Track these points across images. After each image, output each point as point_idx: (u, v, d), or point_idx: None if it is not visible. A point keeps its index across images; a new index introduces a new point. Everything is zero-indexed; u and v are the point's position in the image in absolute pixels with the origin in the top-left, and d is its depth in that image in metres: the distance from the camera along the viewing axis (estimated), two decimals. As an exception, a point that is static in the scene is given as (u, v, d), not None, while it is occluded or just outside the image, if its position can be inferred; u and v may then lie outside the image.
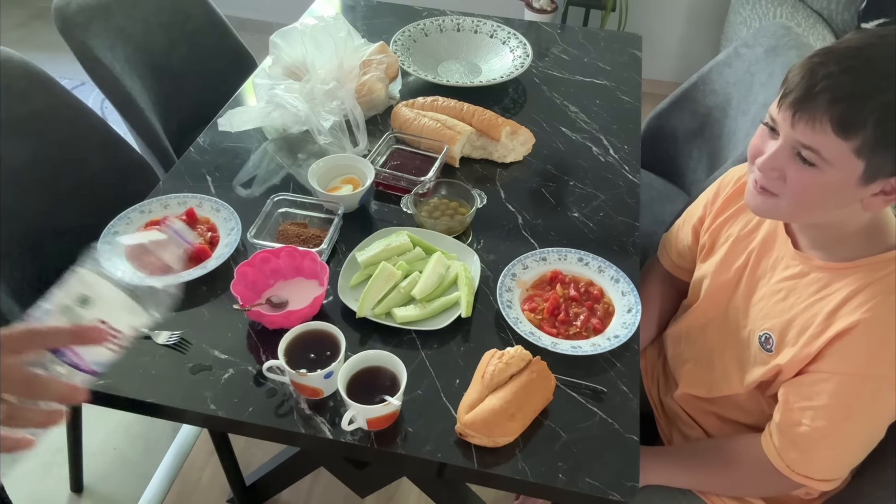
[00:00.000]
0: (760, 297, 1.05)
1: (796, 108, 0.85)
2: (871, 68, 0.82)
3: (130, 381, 1.01)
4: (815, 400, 0.94)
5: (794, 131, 0.86)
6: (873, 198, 0.88)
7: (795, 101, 0.85)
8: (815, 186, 0.88)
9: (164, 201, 1.27)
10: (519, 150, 1.45)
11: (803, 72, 0.85)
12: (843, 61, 0.82)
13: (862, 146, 0.83)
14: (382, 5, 1.98)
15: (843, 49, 0.84)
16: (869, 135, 0.82)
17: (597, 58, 1.79)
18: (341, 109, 1.43)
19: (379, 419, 0.94)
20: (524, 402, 0.96)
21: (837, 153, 0.84)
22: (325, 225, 1.24)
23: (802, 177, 0.88)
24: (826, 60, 0.84)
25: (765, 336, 1.02)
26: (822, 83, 0.82)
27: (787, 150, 0.88)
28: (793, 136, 0.87)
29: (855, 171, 0.85)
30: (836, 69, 0.82)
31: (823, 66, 0.83)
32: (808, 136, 0.85)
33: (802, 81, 0.84)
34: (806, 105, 0.84)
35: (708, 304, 1.15)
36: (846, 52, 0.83)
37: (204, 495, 1.73)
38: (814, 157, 0.86)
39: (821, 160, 0.85)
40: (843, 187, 0.87)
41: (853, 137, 0.82)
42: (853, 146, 0.83)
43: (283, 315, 1.04)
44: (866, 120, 0.81)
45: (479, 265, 1.19)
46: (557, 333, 1.10)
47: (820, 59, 0.84)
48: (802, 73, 0.85)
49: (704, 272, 1.16)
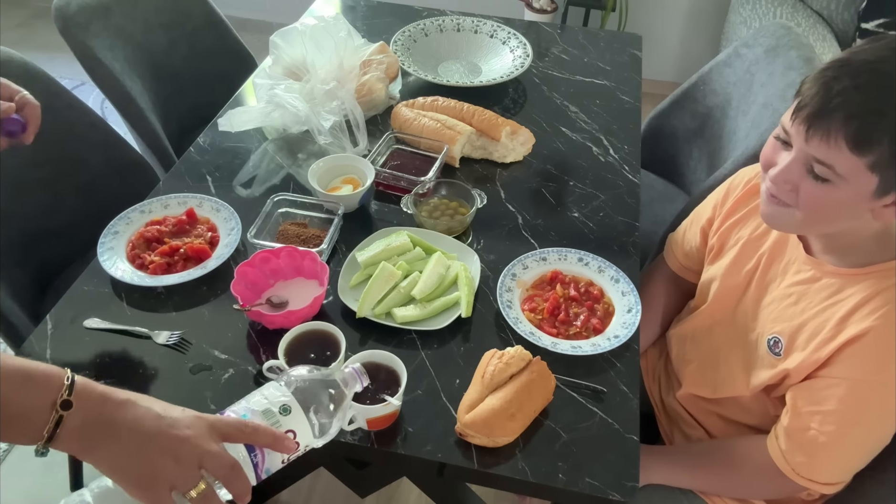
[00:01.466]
0: (770, 300, 1.05)
1: (810, 124, 0.84)
2: (887, 83, 0.81)
3: (130, 381, 1.01)
4: (825, 405, 0.94)
5: (808, 146, 0.86)
6: (885, 209, 0.88)
7: (809, 116, 0.84)
8: (828, 201, 0.88)
9: (164, 201, 1.27)
10: (519, 150, 1.45)
11: (817, 86, 0.84)
12: (858, 76, 0.82)
13: (877, 162, 0.82)
14: (382, 5, 1.98)
15: (859, 63, 0.83)
16: (885, 151, 0.81)
17: (597, 58, 1.79)
18: (341, 109, 1.43)
19: (379, 419, 0.94)
20: (524, 402, 0.96)
21: (851, 168, 0.84)
22: (325, 225, 1.24)
23: (815, 192, 0.88)
24: (840, 75, 0.83)
25: (774, 340, 1.02)
26: (837, 99, 0.82)
27: (800, 164, 0.88)
28: (806, 151, 0.86)
29: (868, 186, 0.85)
30: (851, 84, 0.81)
31: (838, 81, 0.82)
32: (822, 152, 0.85)
33: (817, 96, 0.83)
34: (821, 121, 0.83)
35: (716, 307, 1.15)
36: (861, 66, 0.82)
37: (204, 495, 1.73)
38: (827, 172, 0.85)
39: (834, 175, 0.85)
40: (855, 201, 0.87)
41: (868, 154, 0.82)
42: (868, 162, 0.82)
43: (283, 315, 1.04)
44: (882, 136, 0.81)
45: (479, 265, 1.19)
46: (557, 333, 1.10)
47: (834, 72, 0.83)
48: (817, 87, 0.84)
49: (713, 274, 1.16)
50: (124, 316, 1.10)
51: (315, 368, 0.80)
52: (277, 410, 0.73)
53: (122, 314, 1.10)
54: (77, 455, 0.67)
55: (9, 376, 0.64)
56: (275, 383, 0.77)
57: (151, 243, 1.20)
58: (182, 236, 1.22)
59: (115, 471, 0.66)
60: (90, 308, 1.11)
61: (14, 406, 0.64)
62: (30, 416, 0.64)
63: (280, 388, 0.76)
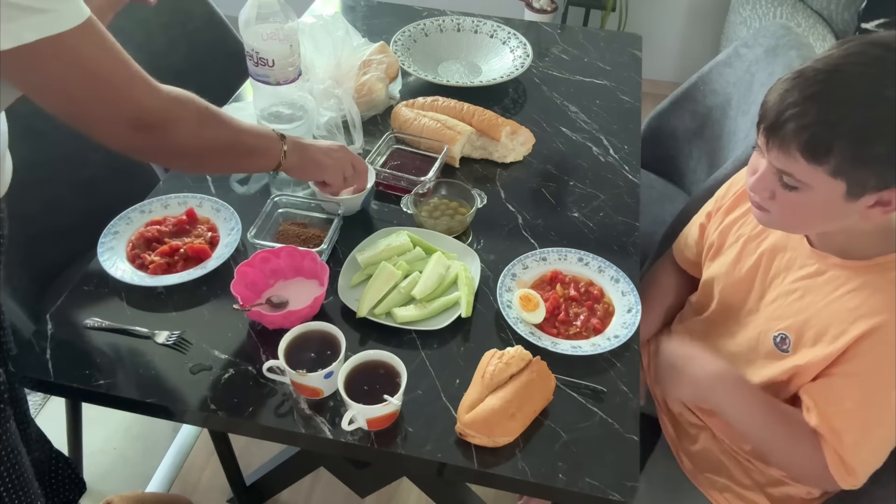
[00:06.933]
0: (775, 296, 1.05)
1: (768, 136, 0.87)
2: (836, 94, 0.82)
3: (130, 381, 1.01)
4: (845, 404, 0.94)
5: (770, 156, 0.89)
6: (870, 210, 0.88)
7: (766, 129, 0.88)
8: (802, 206, 0.90)
9: (164, 201, 1.27)
10: (519, 150, 1.45)
11: (774, 98, 0.87)
12: (809, 87, 0.83)
13: (837, 168, 0.83)
14: (382, 5, 1.98)
15: (811, 74, 0.84)
16: (839, 158, 0.82)
17: (597, 58, 1.79)
18: (339, 108, 1.43)
19: (379, 419, 0.94)
20: (524, 402, 0.96)
21: (813, 177, 0.86)
22: (325, 225, 1.24)
23: (789, 199, 0.90)
24: (792, 87, 0.85)
25: (780, 336, 1.02)
26: (789, 111, 0.84)
27: (771, 173, 0.91)
28: (771, 161, 0.89)
29: (837, 191, 0.86)
30: (801, 97, 0.83)
31: (790, 93, 0.84)
32: (781, 162, 0.87)
33: (773, 109, 0.86)
34: (776, 133, 0.86)
35: (720, 306, 1.15)
36: (813, 76, 0.84)
37: (204, 495, 1.73)
38: (793, 181, 0.88)
39: (800, 183, 0.87)
40: (829, 205, 0.88)
41: (824, 162, 0.83)
42: (827, 170, 0.84)
43: (283, 315, 1.04)
44: (833, 145, 0.82)
45: (479, 265, 1.19)
46: (557, 333, 1.10)
47: (787, 84, 0.85)
48: (773, 99, 0.87)
49: (714, 273, 1.16)
50: (124, 316, 1.10)
51: None
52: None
53: (122, 314, 1.10)
54: (293, 168, 1.11)
55: (250, 132, 1.04)
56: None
57: (151, 243, 1.20)
58: (182, 236, 1.22)
59: (318, 168, 1.15)
60: (90, 308, 1.11)
61: (266, 148, 1.06)
62: (273, 149, 1.07)
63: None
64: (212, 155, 1.01)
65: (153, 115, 0.88)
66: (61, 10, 0.75)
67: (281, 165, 1.08)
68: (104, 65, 0.82)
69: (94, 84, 0.82)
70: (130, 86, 0.85)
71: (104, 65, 0.82)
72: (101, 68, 0.81)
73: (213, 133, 0.97)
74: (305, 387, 0.98)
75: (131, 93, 0.85)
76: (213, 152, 1.00)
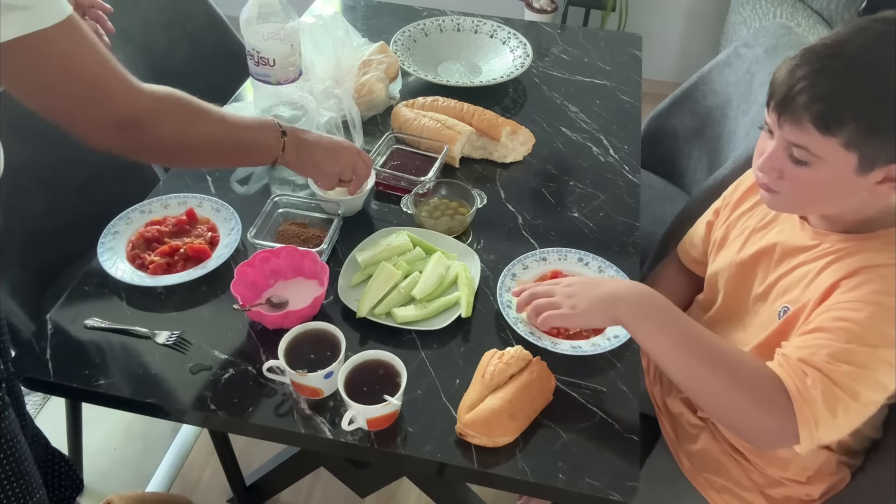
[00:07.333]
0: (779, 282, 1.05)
1: (780, 111, 0.88)
2: (847, 65, 0.84)
3: (130, 381, 1.01)
4: (827, 333, 0.88)
5: (783, 132, 0.89)
6: (878, 186, 0.88)
7: (778, 103, 0.89)
8: (812, 182, 0.91)
9: (164, 201, 1.27)
10: (519, 150, 1.45)
11: (784, 74, 0.88)
12: (819, 60, 0.85)
13: (849, 140, 0.85)
14: (382, 5, 1.98)
15: (820, 48, 0.86)
16: (854, 128, 0.84)
17: (597, 58, 1.79)
18: (339, 108, 1.43)
19: (379, 419, 0.95)
20: (524, 402, 0.96)
21: (826, 149, 0.86)
22: (325, 225, 1.24)
23: (798, 174, 0.91)
24: (802, 62, 0.86)
25: (783, 309, 1.02)
26: (800, 84, 0.85)
27: (782, 150, 0.91)
28: (783, 136, 0.90)
29: (849, 164, 0.87)
30: (811, 70, 0.85)
31: (800, 68, 0.86)
32: (795, 136, 0.88)
33: (783, 84, 0.88)
34: (788, 106, 0.87)
35: (726, 297, 1.15)
36: (823, 50, 0.86)
37: (204, 495, 1.73)
38: (805, 154, 0.88)
39: (812, 157, 0.88)
40: (840, 180, 0.89)
41: (838, 133, 0.84)
42: (840, 141, 0.85)
43: (283, 315, 1.04)
44: (845, 116, 0.83)
45: (479, 265, 1.19)
46: (557, 333, 1.10)
47: (798, 60, 0.87)
48: (782, 75, 0.88)
49: (718, 266, 1.16)
50: (124, 316, 1.10)
51: None
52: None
53: (122, 314, 1.10)
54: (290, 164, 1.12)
55: (250, 126, 1.07)
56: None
57: (151, 243, 1.20)
58: (182, 236, 1.22)
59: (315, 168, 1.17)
60: (90, 308, 1.11)
61: (261, 143, 1.08)
62: (271, 144, 1.08)
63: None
64: (200, 151, 1.02)
65: (134, 114, 0.88)
66: (42, 7, 0.75)
67: (278, 161, 1.10)
68: (85, 63, 0.82)
69: (75, 81, 0.82)
70: (110, 84, 0.85)
71: (85, 63, 0.82)
72: (81, 66, 0.82)
73: (201, 130, 0.98)
74: (305, 387, 0.98)
75: (111, 91, 0.85)
76: (200, 149, 1.01)
